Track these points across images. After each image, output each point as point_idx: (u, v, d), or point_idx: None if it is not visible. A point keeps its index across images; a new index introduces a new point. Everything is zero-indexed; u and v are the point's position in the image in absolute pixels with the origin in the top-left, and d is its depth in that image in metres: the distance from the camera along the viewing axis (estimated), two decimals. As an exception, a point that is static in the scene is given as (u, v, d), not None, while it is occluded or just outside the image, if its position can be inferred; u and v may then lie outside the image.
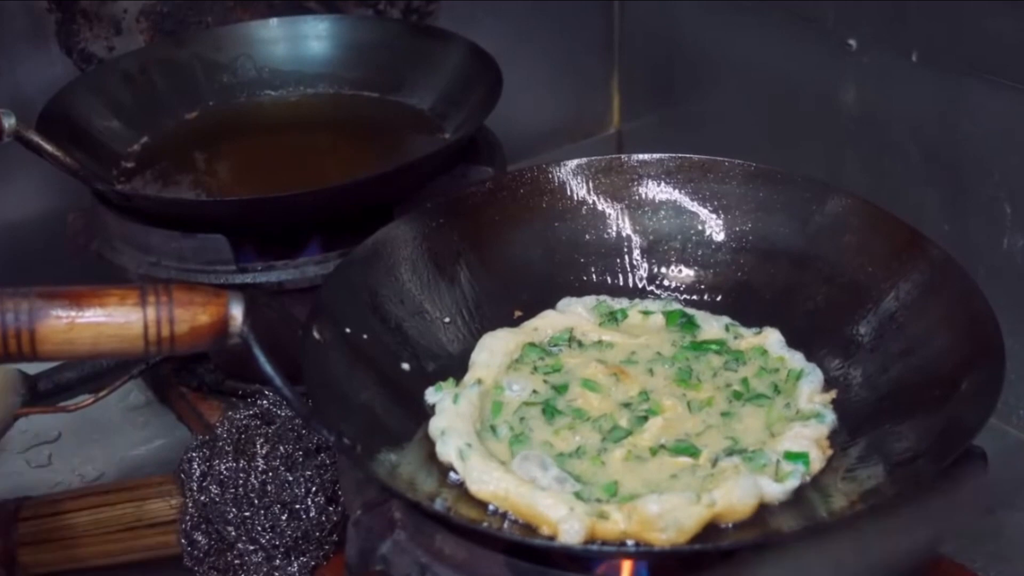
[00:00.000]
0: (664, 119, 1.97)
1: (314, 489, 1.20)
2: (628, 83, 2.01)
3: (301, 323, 1.03)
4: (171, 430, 1.48)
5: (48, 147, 1.29)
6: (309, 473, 1.21)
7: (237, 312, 0.93)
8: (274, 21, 1.62)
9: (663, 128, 1.97)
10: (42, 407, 1.33)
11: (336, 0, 1.71)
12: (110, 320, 0.89)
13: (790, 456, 0.99)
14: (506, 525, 0.94)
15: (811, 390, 1.07)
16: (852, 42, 1.54)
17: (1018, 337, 1.40)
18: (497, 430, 1.04)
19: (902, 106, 1.50)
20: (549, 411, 1.06)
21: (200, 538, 1.20)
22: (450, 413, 1.04)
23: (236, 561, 1.19)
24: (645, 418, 1.04)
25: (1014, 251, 1.40)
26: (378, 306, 1.11)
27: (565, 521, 0.91)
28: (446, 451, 1.00)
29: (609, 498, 0.96)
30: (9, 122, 1.25)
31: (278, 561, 1.19)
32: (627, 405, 1.06)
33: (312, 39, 1.62)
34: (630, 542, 0.90)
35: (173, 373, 1.46)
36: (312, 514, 1.19)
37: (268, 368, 0.93)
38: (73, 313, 0.89)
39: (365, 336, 1.08)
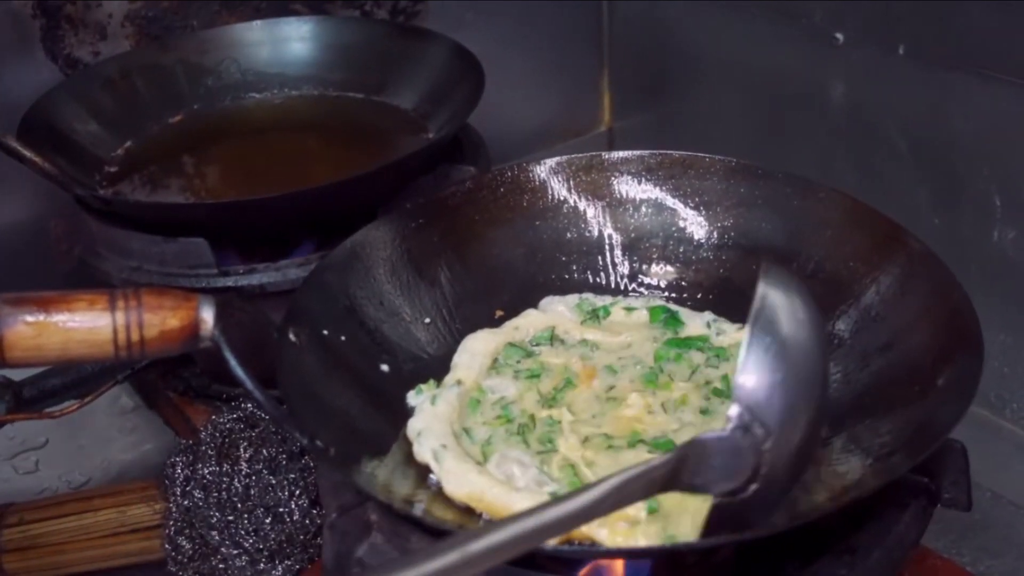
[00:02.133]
0: (655, 117, 1.96)
1: (298, 492, 1.19)
2: (618, 81, 2.01)
3: (277, 325, 1.03)
4: (159, 435, 1.48)
5: (27, 153, 1.29)
6: (293, 476, 1.20)
7: (208, 316, 0.93)
8: (258, 23, 1.62)
9: (654, 126, 1.97)
10: (27, 413, 1.33)
11: (323, 1, 1.71)
12: (79, 325, 0.89)
13: None
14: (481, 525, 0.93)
15: (793, 385, 1.06)
16: (839, 36, 1.54)
17: (1009, 330, 1.39)
18: (471, 432, 1.03)
19: (891, 101, 1.49)
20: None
21: (184, 543, 1.20)
22: (427, 414, 1.03)
23: (220, 565, 1.18)
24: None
25: (1004, 244, 1.39)
26: (356, 308, 1.10)
27: (540, 522, 0.90)
28: (422, 452, 0.99)
29: None
30: (-14, 129, 1.25)
31: (262, 565, 1.18)
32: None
33: (295, 41, 1.62)
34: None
35: (160, 377, 1.45)
36: (296, 517, 1.18)
37: (239, 371, 0.93)
38: (41, 318, 0.88)
39: (343, 338, 1.07)
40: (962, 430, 0.90)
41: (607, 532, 0.90)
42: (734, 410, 0.81)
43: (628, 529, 0.90)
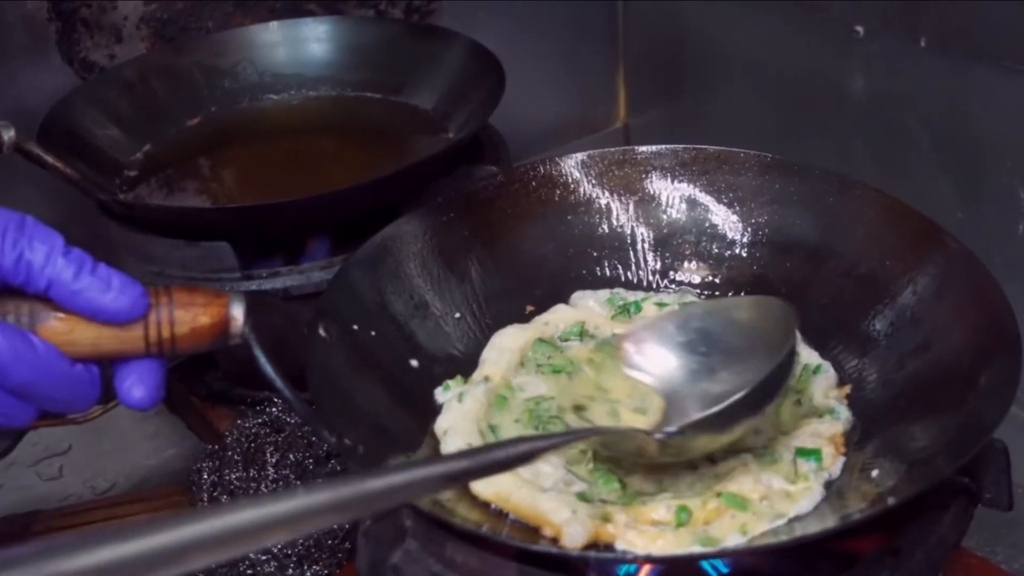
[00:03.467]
0: (670, 113, 1.95)
1: (325, 497, 1.18)
2: (633, 77, 2.00)
3: (307, 322, 1.02)
4: (182, 439, 1.47)
5: (48, 159, 1.28)
6: (320, 481, 1.19)
7: (238, 313, 0.91)
8: (274, 24, 1.61)
9: (670, 122, 1.96)
10: (50, 420, 1.32)
11: (337, 1, 1.70)
12: (110, 321, 0.88)
13: (802, 452, 0.96)
14: (507, 526, 0.91)
15: (826, 385, 1.05)
16: (859, 29, 1.52)
17: (1038, 325, 1.38)
18: (498, 429, 1.02)
19: (912, 93, 1.48)
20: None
21: (212, 548, 1.19)
22: (454, 412, 1.02)
23: (248, 571, 1.17)
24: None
25: (1030, 237, 1.38)
26: (386, 303, 1.09)
27: (568, 524, 0.88)
28: (449, 451, 0.98)
29: (616, 499, 0.94)
30: (8, 135, 1.24)
31: (291, 570, 1.17)
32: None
33: (312, 41, 1.61)
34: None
35: (182, 382, 1.44)
36: (324, 522, 1.17)
37: (269, 370, 0.92)
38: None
39: (373, 333, 1.06)
40: (996, 427, 0.89)
41: (636, 534, 0.89)
42: (672, 429, 0.92)
43: (658, 534, 0.89)
